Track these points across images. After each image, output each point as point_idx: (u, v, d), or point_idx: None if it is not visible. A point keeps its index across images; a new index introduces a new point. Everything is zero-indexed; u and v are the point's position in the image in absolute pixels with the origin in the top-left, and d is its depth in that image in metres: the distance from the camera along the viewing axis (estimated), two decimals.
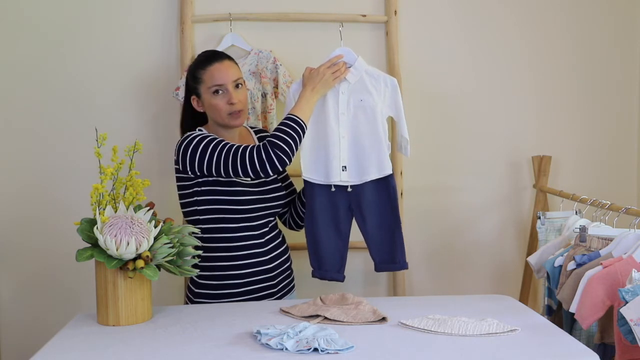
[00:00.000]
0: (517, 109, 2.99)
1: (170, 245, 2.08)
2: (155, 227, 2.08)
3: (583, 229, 2.33)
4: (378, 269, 2.57)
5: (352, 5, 2.84)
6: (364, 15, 2.84)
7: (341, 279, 2.56)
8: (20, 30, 2.77)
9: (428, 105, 2.93)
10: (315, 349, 1.78)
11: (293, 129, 2.30)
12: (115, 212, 2.10)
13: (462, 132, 2.97)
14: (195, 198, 2.37)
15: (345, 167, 2.46)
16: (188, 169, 2.32)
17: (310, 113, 2.39)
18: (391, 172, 2.49)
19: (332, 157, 2.45)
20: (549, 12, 2.98)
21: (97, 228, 2.04)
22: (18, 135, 2.80)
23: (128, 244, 2.00)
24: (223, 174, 2.29)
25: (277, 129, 2.31)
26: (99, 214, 2.07)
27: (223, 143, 2.29)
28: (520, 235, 3.02)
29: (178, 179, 2.40)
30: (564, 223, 2.59)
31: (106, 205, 2.10)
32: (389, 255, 2.54)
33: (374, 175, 2.47)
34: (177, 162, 2.35)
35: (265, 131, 2.62)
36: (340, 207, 2.52)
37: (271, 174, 2.29)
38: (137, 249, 2.01)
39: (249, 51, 2.78)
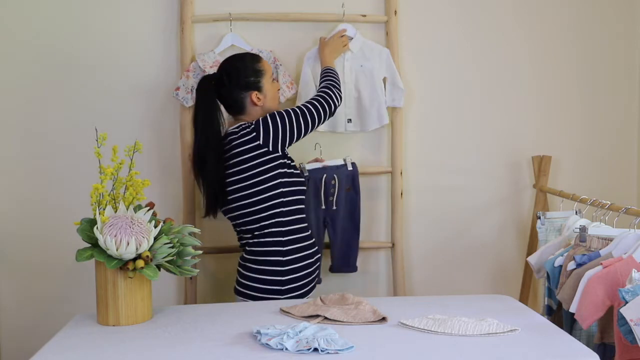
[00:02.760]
0: (517, 109, 2.99)
1: (170, 245, 2.08)
2: (155, 227, 2.08)
3: (583, 229, 2.32)
4: (335, 269, 2.82)
5: (352, 5, 2.84)
6: (364, 15, 2.84)
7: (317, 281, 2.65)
8: (21, 31, 2.77)
9: (428, 105, 2.93)
10: (315, 349, 1.78)
11: (338, 77, 2.65)
12: (115, 212, 2.10)
13: (462, 132, 2.97)
14: (280, 189, 2.42)
15: (350, 119, 2.82)
16: (288, 139, 2.41)
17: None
18: (388, 122, 2.84)
19: (338, 111, 2.70)
20: (549, 13, 2.98)
21: (97, 228, 2.04)
22: (18, 136, 2.80)
23: (128, 244, 2.00)
24: (313, 127, 2.49)
25: (328, 77, 2.60)
26: (99, 214, 2.07)
27: (297, 107, 2.48)
28: (520, 235, 3.01)
29: (257, 174, 2.40)
30: (564, 223, 2.59)
31: (106, 205, 2.10)
32: (346, 259, 2.82)
33: (375, 125, 2.83)
34: (261, 146, 2.38)
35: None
36: (319, 220, 2.77)
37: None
38: (137, 249, 2.01)
39: (249, 51, 2.78)
